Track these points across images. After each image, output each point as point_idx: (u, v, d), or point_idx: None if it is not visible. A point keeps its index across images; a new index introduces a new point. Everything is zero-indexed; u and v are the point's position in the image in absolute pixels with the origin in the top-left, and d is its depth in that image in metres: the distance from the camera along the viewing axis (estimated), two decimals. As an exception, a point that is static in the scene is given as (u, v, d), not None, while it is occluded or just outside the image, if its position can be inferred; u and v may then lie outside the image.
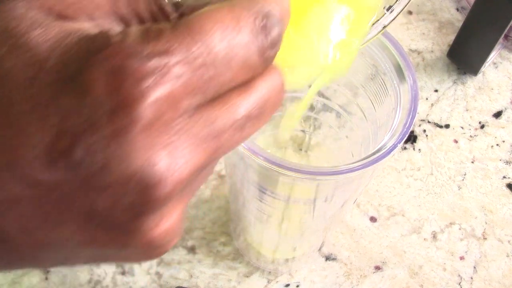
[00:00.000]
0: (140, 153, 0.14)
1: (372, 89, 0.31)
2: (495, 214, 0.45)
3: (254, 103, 0.17)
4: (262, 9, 0.16)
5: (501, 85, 0.51)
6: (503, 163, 0.47)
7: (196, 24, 0.15)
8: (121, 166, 0.14)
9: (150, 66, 0.14)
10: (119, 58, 0.14)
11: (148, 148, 0.14)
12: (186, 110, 0.15)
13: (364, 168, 0.25)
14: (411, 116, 0.27)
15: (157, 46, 0.15)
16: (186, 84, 0.15)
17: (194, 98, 0.15)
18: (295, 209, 0.33)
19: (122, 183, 0.15)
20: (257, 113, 0.17)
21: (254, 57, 0.16)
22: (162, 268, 0.42)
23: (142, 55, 0.14)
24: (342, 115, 0.34)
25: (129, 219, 0.15)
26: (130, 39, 0.15)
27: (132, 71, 0.14)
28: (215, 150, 0.16)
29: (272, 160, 0.25)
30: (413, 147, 0.48)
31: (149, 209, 0.15)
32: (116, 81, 0.14)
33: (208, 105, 0.16)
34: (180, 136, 0.15)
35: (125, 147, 0.14)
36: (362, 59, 0.30)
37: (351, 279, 0.42)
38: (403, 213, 0.45)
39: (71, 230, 0.15)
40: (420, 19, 0.55)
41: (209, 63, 0.15)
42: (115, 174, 0.14)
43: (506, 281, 0.43)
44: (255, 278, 0.42)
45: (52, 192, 0.15)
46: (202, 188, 0.45)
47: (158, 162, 0.15)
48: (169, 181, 0.15)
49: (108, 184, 0.14)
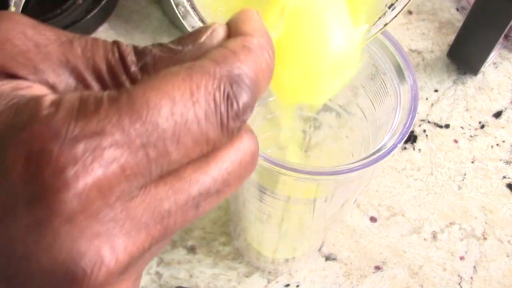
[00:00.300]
0: (63, 245, 0.13)
1: (372, 89, 0.31)
2: (495, 214, 0.45)
3: (214, 178, 0.15)
4: (230, 73, 0.14)
5: (501, 85, 0.51)
6: (503, 163, 0.47)
7: (140, 97, 0.13)
8: (42, 259, 0.13)
9: (77, 152, 0.13)
10: (41, 141, 0.13)
11: (73, 239, 0.13)
12: (124, 194, 0.13)
13: (364, 168, 0.25)
14: (411, 116, 0.27)
15: (90, 125, 0.13)
16: (123, 168, 0.13)
17: (134, 181, 0.13)
18: (295, 209, 0.33)
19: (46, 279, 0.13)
20: (218, 188, 0.15)
21: (212, 131, 0.14)
22: (162, 268, 0.42)
23: (69, 137, 0.13)
24: (342, 115, 0.34)
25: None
26: (60, 115, 0.13)
27: (53, 158, 0.12)
28: (162, 232, 0.14)
29: (272, 160, 0.25)
30: (413, 147, 0.48)
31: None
32: (34, 169, 0.12)
33: (154, 185, 0.14)
34: (115, 223, 0.13)
35: (45, 239, 0.13)
36: (362, 59, 0.30)
37: (351, 279, 0.42)
38: (403, 213, 0.45)
39: None
40: (420, 19, 0.55)
41: (152, 143, 0.13)
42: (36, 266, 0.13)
43: (506, 281, 0.43)
44: (255, 278, 0.42)
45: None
46: (202, 188, 0.45)
47: (85, 253, 0.13)
48: (101, 272, 0.13)
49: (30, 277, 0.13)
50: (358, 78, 0.31)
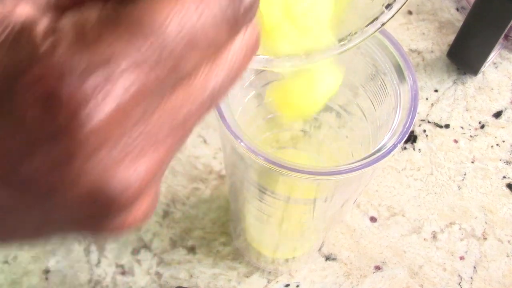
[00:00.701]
0: (92, 173, 0.13)
1: (372, 89, 0.31)
2: (495, 214, 0.45)
3: (222, 76, 0.15)
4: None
5: (501, 85, 0.51)
6: (503, 163, 0.47)
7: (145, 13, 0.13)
8: (73, 187, 0.13)
9: (89, 86, 0.12)
10: (50, 83, 0.12)
11: (101, 166, 0.13)
12: (140, 116, 0.13)
13: (364, 168, 0.25)
14: (411, 116, 0.27)
15: (97, 54, 0.12)
16: (137, 92, 0.13)
17: (149, 101, 0.13)
18: (295, 209, 0.33)
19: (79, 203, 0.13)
20: (225, 83, 0.15)
21: (223, 33, 0.14)
22: (162, 268, 0.42)
23: (76, 73, 0.12)
24: (342, 115, 0.34)
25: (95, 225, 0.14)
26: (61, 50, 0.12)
27: (63, 101, 0.12)
28: (179, 141, 0.15)
29: (272, 160, 0.25)
30: (413, 147, 0.48)
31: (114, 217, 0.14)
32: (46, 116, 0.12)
33: (168, 98, 0.14)
34: (135, 147, 0.13)
35: (74, 170, 0.13)
36: (362, 59, 0.30)
37: (351, 279, 0.42)
38: (403, 213, 0.45)
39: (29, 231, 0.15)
40: (420, 19, 0.55)
41: (164, 58, 0.13)
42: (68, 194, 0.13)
43: (506, 281, 0.43)
44: (255, 278, 0.42)
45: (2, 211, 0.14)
46: (202, 188, 0.45)
47: (115, 177, 0.13)
48: (132, 190, 0.14)
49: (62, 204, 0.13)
50: (358, 78, 0.31)
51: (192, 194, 0.45)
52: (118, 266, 0.42)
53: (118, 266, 0.42)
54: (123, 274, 0.42)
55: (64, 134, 0.12)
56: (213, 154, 0.47)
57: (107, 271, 0.42)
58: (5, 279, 0.41)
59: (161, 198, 0.45)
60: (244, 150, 0.25)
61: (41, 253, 0.42)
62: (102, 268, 0.42)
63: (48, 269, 0.42)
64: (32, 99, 0.12)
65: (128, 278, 0.42)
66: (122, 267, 0.42)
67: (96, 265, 0.42)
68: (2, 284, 0.41)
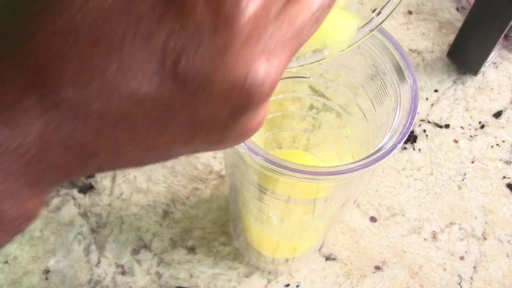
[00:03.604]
0: (242, 63, 0.15)
1: (372, 89, 0.31)
2: (495, 214, 0.45)
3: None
4: None
5: (501, 85, 0.51)
6: (503, 163, 0.47)
7: None
8: (225, 77, 0.15)
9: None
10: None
11: (249, 58, 0.15)
12: (274, 14, 0.16)
13: (364, 168, 0.25)
14: (411, 116, 0.27)
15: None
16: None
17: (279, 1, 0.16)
18: (295, 209, 0.33)
19: (226, 92, 0.16)
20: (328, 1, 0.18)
21: None
22: (162, 268, 0.42)
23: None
24: (342, 115, 0.34)
25: (229, 122, 0.17)
26: None
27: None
28: (297, 46, 0.17)
29: (272, 160, 0.25)
30: (413, 147, 0.48)
31: (248, 110, 0.17)
32: (214, 5, 0.15)
33: (287, 6, 0.17)
34: (272, 41, 0.16)
35: (228, 60, 0.15)
36: (362, 59, 0.30)
37: (351, 279, 0.42)
38: (403, 213, 0.45)
39: (175, 133, 0.17)
40: (420, 19, 0.55)
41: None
42: (219, 85, 0.15)
43: (506, 281, 0.43)
44: (255, 278, 0.42)
45: (159, 107, 0.16)
46: (202, 188, 0.45)
47: (258, 69, 0.16)
48: (269, 84, 0.16)
49: (213, 94, 0.16)
50: (358, 78, 0.31)
51: (192, 194, 0.45)
52: (118, 266, 0.42)
53: (118, 266, 0.42)
54: (123, 274, 0.42)
55: (229, 21, 0.15)
56: (213, 154, 0.47)
57: (107, 271, 0.42)
58: (5, 279, 0.41)
59: (161, 198, 0.45)
60: (244, 150, 0.25)
61: (41, 253, 0.42)
62: (102, 268, 0.42)
63: (48, 269, 0.42)
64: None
65: (128, 278, 0.42)
66: (122, 267, 0.42)
67: (96, 265, 0.42)
68: (2, 284, 0.41)
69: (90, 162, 0.16)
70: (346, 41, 0.22)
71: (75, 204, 0.44)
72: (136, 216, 0.44)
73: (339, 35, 0.22)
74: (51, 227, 0.43)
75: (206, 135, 0.17)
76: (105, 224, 0.44)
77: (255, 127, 0.18)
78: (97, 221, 0.44)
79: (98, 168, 0.17)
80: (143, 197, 0.45)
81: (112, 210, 0.44)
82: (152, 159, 0.18)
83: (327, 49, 0.22)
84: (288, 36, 0.17)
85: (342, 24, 0.21)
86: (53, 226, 0.43)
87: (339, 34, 0.22)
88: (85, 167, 0.17)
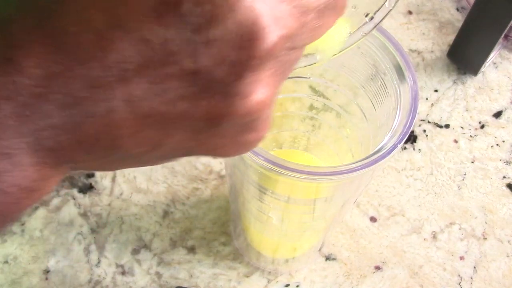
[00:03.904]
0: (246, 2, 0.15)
1: (372, 89, 0.31)
2: (495, 214, 0.45)
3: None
4: None
5: (501, 85, 0.51)
6: (503, 163, 0.47)
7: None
8: (228, 15, 0.15)
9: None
10: None
11: None
12: None
13: (364, 168, 0.25)
14: (411, 116, 0.27)
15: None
16: None
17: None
18: (295, 209, 0.33)
19: (228, 35, 0.15)
20: (333, 5, 0.18)
21: None
22: (162, 268, 0.42)
23: None
24: (342, 115, 0.34)
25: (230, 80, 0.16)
26: None
27: None
28: (301, 25, 0.17)
29: (272, 160, 0.25)
30: (413, 147, 0.48)
31: (250, 67, 0.15)
32: None
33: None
34: None
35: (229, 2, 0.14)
36: (362, 59, 0.30)
37: (351, 279, 0.42)
38: (403, 213, 0.45)
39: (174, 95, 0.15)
40: (420, 19, 0.55)
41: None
42: (222, 25, 0.15)
43: (506, 281, 0.43)
44: (255, 278, 0.42)
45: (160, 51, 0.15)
46: (202, 188, 0.45)
47: (263, 13, 0.15)
48: (272, 34, 0.15)
49: (215, 36, 0.15)
50: (358, 78, 0.31)
51: (192, 194, 0.45)
52: (118, 266, 0.42)
53: (118, 266, 0.42)
54: (123, 274, 0.42)
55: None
56: (213, 154, 0.47)
57: (107, 271, 0.42)
58: (5, 279, 0.41)
59: (161, 198, 0.45)
60: (244, 150, 0.25)
61: (41, 253, 0.42)
62: (102, 268, 0.42)
63: (48, 269, 0.42)
64: None
65: (128, 278, 0.42)
66: (122, 267, 0.42)
67: (96, 265, 0.42)
68: (2, 284, 0.41)
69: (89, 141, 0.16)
70: (338, 45, 0.22)
71: (75, 204, 0.44)
72: (136, 216, 0.44)
73: (330, 40, 0.22)
74: (51, 227, 0.43)
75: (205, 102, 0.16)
76: (105, 224, 0.44)
77: (256, 108, 0.17)
78: (97, 221, 0.44)
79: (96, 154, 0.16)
80: (143, 197, 0.45)
81: (112, 210, 0.44)
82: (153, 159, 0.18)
83: (319, 53, 0.22)
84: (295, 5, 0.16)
85: (334, 29, 0.20)
86: (53, 226, 0.43)
87: (331, 39, 0.22)
88: (86, 148, 0.16)
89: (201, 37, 0.15)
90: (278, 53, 0.16)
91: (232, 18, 0.15)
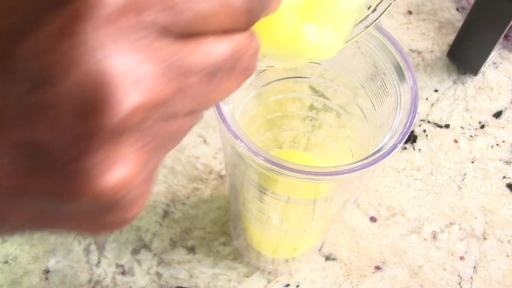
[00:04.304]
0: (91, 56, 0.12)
1: (372, 89, 0.31)
2: (495, 214, 0.45)
3: (227, 54, 0.14)
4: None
5: (501, 85, 0.51)
6: (503, 163, 0.47)
7: None
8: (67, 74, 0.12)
9: None
10: None
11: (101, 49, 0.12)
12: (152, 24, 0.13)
13: (364, 168, 0.25)
14: (411, 116, 0.27)
15: None
16: None
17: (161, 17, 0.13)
18: (295, 209, 0.33)
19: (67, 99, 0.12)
20: (228, 67, 0.15)
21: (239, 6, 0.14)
22: (162, 268, 0.42)
23: None
24: (342, 115, 0.34)
25: (72, 156, 0.12)
26: None
27: None
28: (178, 90, 0.14)
29: (272, 160, 0.25)
30: (413, 147, 0.48)
31: (98, 141, 0.12)
32: None
33: (179, 39, 0.13)
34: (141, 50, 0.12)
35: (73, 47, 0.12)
36: (362, 59, 0.30)
37: (351, 279, 0.42)
38: (403, 213, 0.45)
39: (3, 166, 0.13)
40: (420, 19, 0.55)
41: None
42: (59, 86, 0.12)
43: (506, 281, 0.43)
44: (255, 278, 0.42)
45: None
46: (202, 188, 0.45)
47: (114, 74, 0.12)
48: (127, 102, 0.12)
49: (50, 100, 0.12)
50: (358, 78, 0.31)
51: (192, 194, 0.45)
52: (118, 266, 0.42)
53: (118, 266, 0.42)
54: (123, 274, 0.42)
55: None
56: (213, 154, 0.47)
57: (107, 271, 0.42)
58: (5, 279, 0.41)
59: (161, 198, 0.45)
60: (244, 150, 0.25)
61: (41, 253, 0.42)
62: (102, 268, 0.42)
63: (48, 269, 0.42)
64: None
65: (128, 278, 0.42)
66: (122, 267, 0.42)
67: (96, 265, 0.42)
68: (2, 284, 0.41)
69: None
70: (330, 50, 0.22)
71: (75, 204, 0.44)
72: (136, 216, 0.44)
73: (321, 48, 0.22)
74: (51, 227, 0.43)
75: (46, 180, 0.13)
76: (105, 224, 0.44)
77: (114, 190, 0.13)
78: (97, 221, 0.44)
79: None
80: (143, 197, 0.45)
81: (112, 210, 0.44)
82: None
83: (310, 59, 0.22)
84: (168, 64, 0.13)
85: (319, 36, 0.20)
86: (53, 226, 0.43)
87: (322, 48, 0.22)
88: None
89: (35, 98, 0.12)
90: (141, 124, 0.13)
91: (73, 78, 0.12)
